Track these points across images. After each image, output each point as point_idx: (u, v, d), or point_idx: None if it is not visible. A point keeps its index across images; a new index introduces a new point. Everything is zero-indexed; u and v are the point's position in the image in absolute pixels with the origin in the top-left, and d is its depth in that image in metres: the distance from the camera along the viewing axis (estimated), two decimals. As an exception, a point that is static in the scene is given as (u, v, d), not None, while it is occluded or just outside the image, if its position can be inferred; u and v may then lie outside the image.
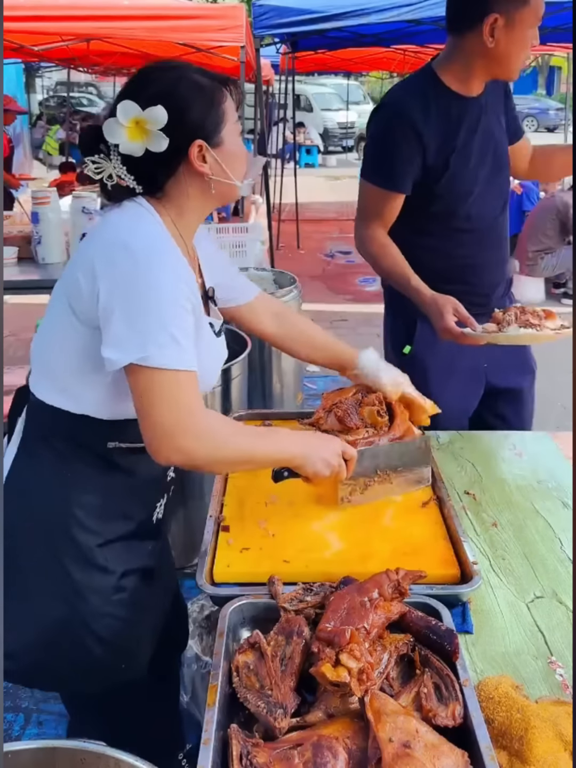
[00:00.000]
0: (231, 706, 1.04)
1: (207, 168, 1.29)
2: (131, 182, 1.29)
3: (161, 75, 1.29)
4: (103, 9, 4.83)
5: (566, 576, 1.40)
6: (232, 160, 1.33)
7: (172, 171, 1.29)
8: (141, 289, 1.18)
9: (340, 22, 5.39)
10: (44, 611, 1.33)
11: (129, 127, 1.23)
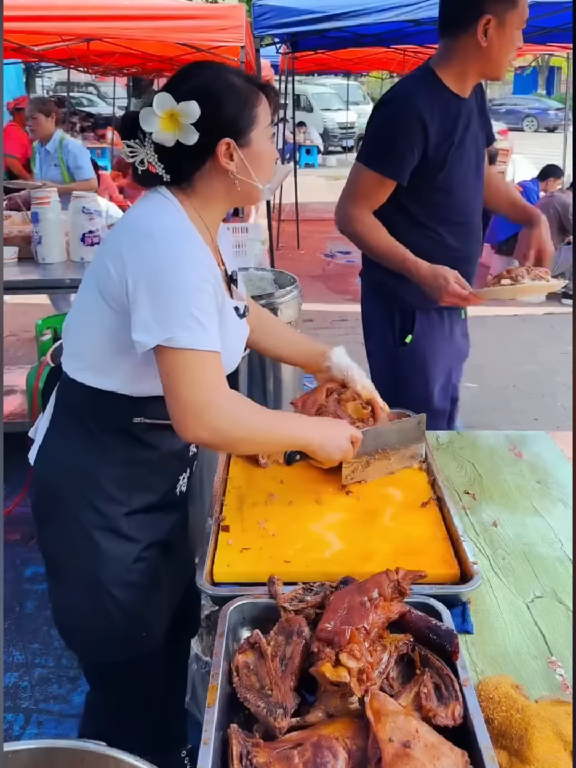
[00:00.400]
0: (231, 706, 1.04)
1: (233, 166, 1.35)
2: (160, 170, 1.34)
3: (200, 72, 1.35)
4: (103, 9, 4.83)
5: (566, 576, 1.40)
6: (259, 163, 1.37)
7: (200, 164, 1.35)
8: (164, 275, 1.25)
9: (340, 22, 5.39)
10: (71, 577, 1.44)
11: (163, 118, 1.29)
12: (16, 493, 3.36)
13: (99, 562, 1.41)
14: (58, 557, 1.46)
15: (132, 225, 1.34)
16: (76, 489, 1.40)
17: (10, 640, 2.59)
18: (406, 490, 1.57)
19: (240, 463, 1.67)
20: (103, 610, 1.43)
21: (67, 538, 1.42)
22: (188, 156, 1.33)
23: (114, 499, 1.40)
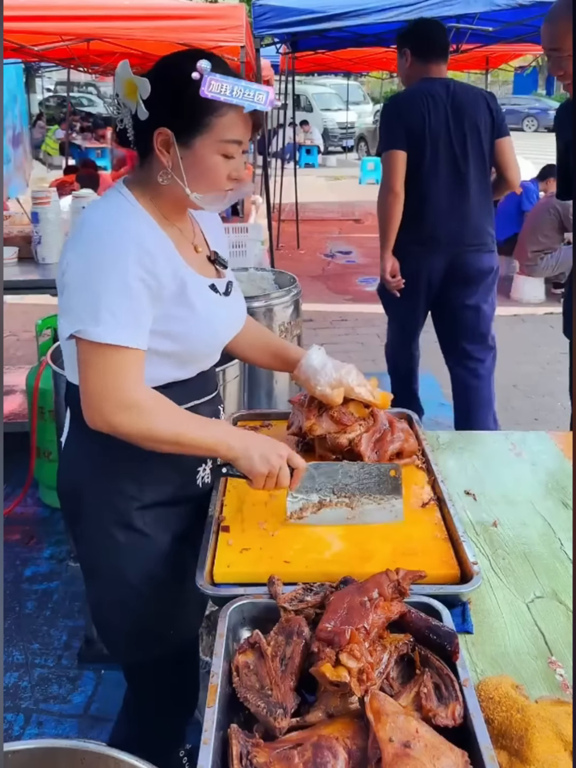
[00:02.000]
0: (231, 706, 1.04)
1: (166, 159, 1.34)
2: (132, 137, 1.36)
3: (182, 60, 1.33)
4: (103, 9, 4.82)
5: (566, 576, 1.40)
6: (195, 170, 1.34)
7: (148, 145, 1.35)
8: (87, 267, 1.27)
9: (340, 22, 5.38)
10: (99, 574, 1.48)
11: (126, 85, 1.31)
12: (16, 493, 3.37)
13: (121, 557, 1.44)
14: (87, 555, 1.51)
15: (79, 220, 1.37)
16: (95, 486, 1.43)
17: (10, 640, 2.59)
18: (406, 490, 1.57)
19: (240, 463, 1.67)
20: (129, 606, 1.46)
21: (91, 536, 1.46)
22: (140, 132, 1.35)
23: (125, 493, 1.42)
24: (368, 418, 1.64)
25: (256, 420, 1.88)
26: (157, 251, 1.34)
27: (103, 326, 1.25)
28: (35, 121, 16.85)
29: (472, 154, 3.25)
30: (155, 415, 1.31)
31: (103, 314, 1.25)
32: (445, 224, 3.26)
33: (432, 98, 3.21)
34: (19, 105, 12.93)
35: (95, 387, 1.28)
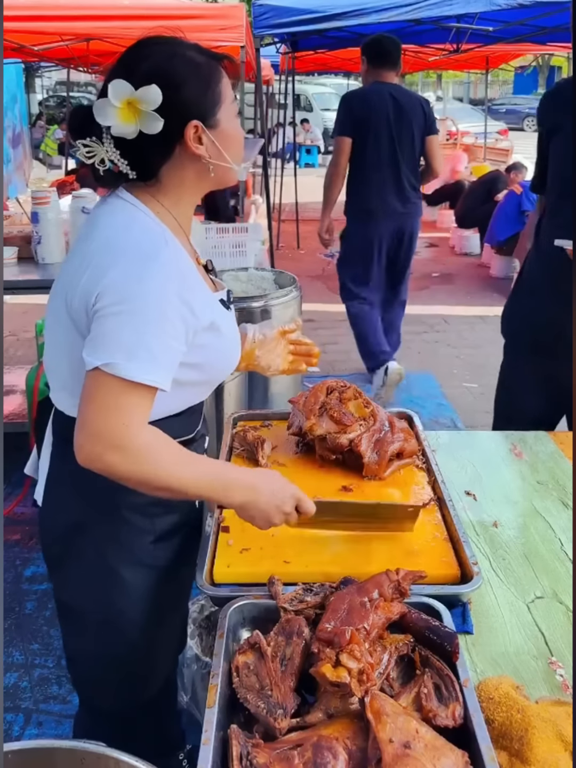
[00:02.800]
0: (231, 707, 1.04)
1: (203, 150, 1.24)
2: (125, 167, 1.22)
3: (154, 51, 1.22)
4: (103, 9, 4.82)
5: (566, 576, 1.40)
6: (229, 142, 1.27)
7: (168, 154, 1.24)
8: (133, 295, 1.14)
9: (340, 22, 5.38)
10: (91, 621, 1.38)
11: (121, 108, 1.16)
12: (16, 493, 3.36)
13: (126, 598, 1.35)
14: (79, 601, 1.38)
15: (103, 242, 1.20)
16: (96, 525, 1.33)
17: (10, 641, 2.58)
18: (406, 490, 1.57)
19: (240, 464, 1.67)
20: (131, 649, 1.38)
21: (89, 579, 1.35)
22: (154, 147, 1.21)
23: (139, 529, 1.34)
24: (368, 418, 1.64)
25: (256, 420, 1.88)
26: (191, 277, 1.26)
27: (136, 363, 1.12)
28: (35, 121, 16.85)
29: (406, 143, 4.17)
30: (156, 462, 1.16)
31: (141, 351, 1.13)
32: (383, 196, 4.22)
33: (379, 97, 4.11)
34: (19, 105, 12.92)
35: (97, 422, 1.13)
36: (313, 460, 1.66)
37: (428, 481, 1.60)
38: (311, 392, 1.68)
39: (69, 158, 10.18)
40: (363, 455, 1.59)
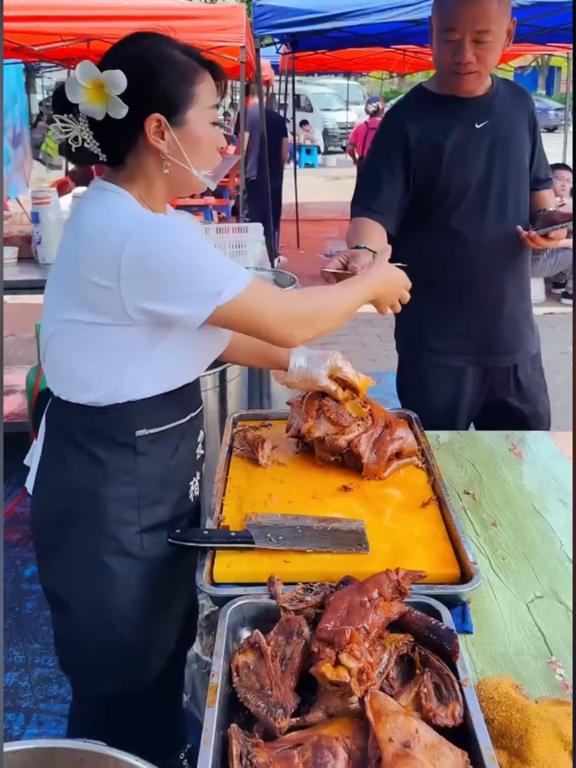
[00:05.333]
0: (231, 706, 1.04)
1: (163, 146, 1.27)
2: (95, 148, 1.28)
3: (136, 41, 1.28)
4: (103, 9, 4.82)
5: (566, 576, 1.40)
6: (195, 146, 1.29)
7: (132, 142, 1.28)
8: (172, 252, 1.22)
9: (340, 22, 5.39)
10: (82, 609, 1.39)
11: (89, 89, 1.21)
12: (16, 493, 3.37)
13: (113, 588, 1.36)
14: (67, 589, 1.40)
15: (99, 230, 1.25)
16: (82, 515, 1.35)
17: (10, 640, 2.58)
18: (406, 490, 1.57)
19: (240, 463, 1.67)
20: (118, 638, 1.39)
21: (76, 568, 1.37)
22: (119, 132, 1.25)
23: (124, 520, 1.36)
24: (366, 419, 1.64)
25: (256, 420, 1.88)
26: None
27: (232, 279, 1.25)
28: (36, 121, 16.83)
29: None
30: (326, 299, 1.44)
31: (224, 269, 1.26)
32: None
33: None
34: (19, 105, 12.92)
35: (276, 314, 1.32)
36: (313, 460, 1.66)
37: (428, 481, 1.60)
38: (309, 393, 1.68)
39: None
40: (362, 456, 1.59)
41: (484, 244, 2.06)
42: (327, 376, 1.63)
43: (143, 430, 1.36)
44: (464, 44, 1.90)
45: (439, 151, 2.02)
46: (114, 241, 1.21)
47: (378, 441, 1.62)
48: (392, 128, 2.09)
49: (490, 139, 2.05)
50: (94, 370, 1.32)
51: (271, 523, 1.39)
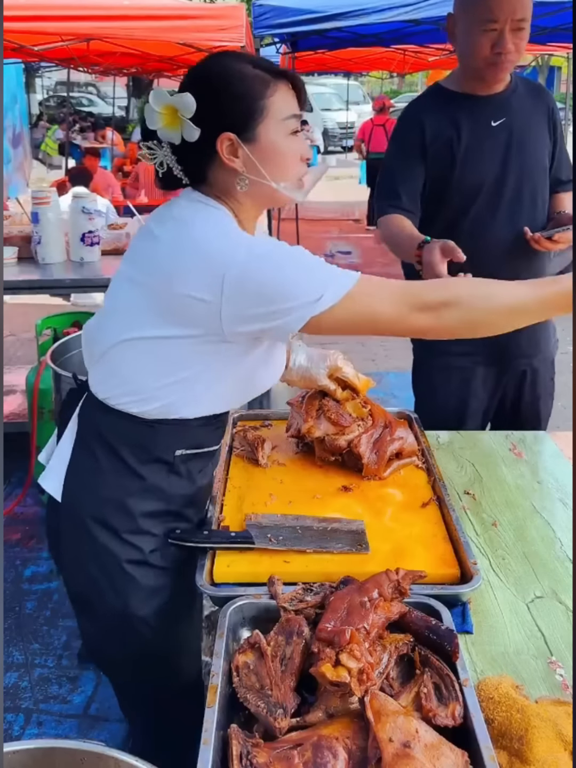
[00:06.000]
0: (231, 706, 1.04)
1: (238, 164, 1.26)
2: (179, 172, 1.28)
3: (207, 62, 1.29)
4: (103, 9, 4.82)
5: (566, 576, 1.40)
6: (272, 160, 1.27)
7: (211, 162, 1.27)
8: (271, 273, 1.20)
9: (340, 22, 5.38)
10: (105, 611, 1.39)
11: (164, 114, 1.22)
12: (16, 493, 3.37)
13: (136, 596, 1.37)
14: (90, 591, 1.40)
15: (205, 249, 1.22)
16: (110, 522, 1.35)
17: (10, 640, 2.58)
18: (406, 490, 1.57)
19: (240, 463, 1.67)
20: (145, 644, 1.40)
21: (100, 575, 1.37)
22: (197, 154, 1.26)
23: (150, 532, 1.36)
24: (366, 419, 1.64)
25: (256, 420, 1.88)
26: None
27: (336, 279, 1.22)
28: (36, 121, 16.84)
29: None
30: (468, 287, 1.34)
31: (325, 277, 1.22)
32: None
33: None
34: (19, 105, 12.92)
35: (392, 302, 1.24)
36: (313, 460, 1.67)
37: (428, 481, 1.60)
38: (309, 393, 1.68)
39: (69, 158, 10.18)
40: (362, 456, 1.59)
41: (496, 246, 2.05)
42: (326, 376, 1.63)
43: (182, 450, 1.37)
44: (504, 33, 1.90)
45: (452, 147, 2.02)
46: (220, 262, 1.20)
47: (378, 441, 1.62)
48: (409, 123, 2.10)
49: (505, 138, 2.05)
50: (158, 384, 1.30)
51: (271, 523, 1.39)
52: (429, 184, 2.06)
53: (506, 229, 2.06)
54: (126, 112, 18.49)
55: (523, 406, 2.28)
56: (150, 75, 11.69)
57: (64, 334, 3.29)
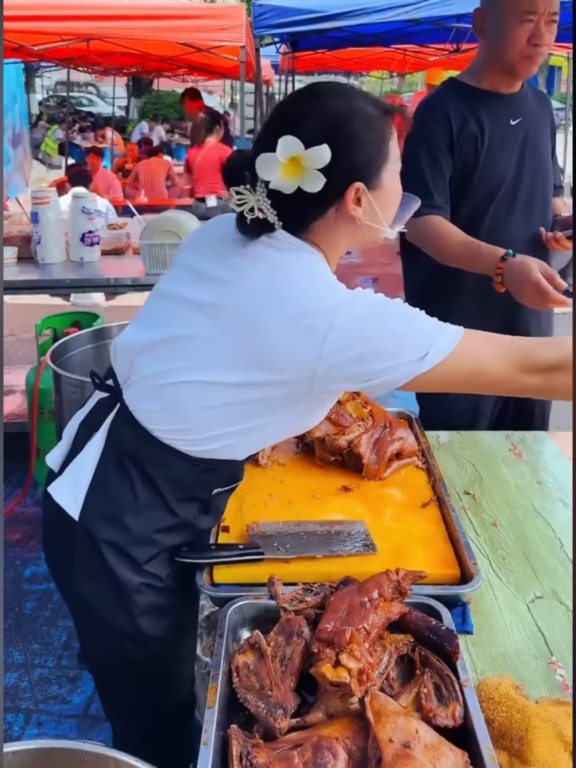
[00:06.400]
0: (231, 707, 1.04)
1: (360, 212, 1.18)
2: (272, 217, 1.16)
3: (331, 104, 1.15)
4: (103, 9, 4.83)
5: (566, 576, 1.40)
6: (388, 204, 1.22)
7: (323, 212, 1.18)
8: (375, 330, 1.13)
9: (340, 21, 5.39)
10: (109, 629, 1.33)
11: (285, 164, 1.11)
12: (16, 493, 3.37)
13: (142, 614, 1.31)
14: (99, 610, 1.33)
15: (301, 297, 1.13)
16: (132, 554, 1.28)
17: (10, 641, 2.58)
18: (406, 491, 1.57)
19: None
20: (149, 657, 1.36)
21: (112, 594, 1.30)
22: (309, 204, 1.16)
23: (168, 560, 1.32)
24: (367, 419, 1.64)
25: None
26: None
27: (442, 335, 1.15)
28: (36, 121, 16.84)
29: None
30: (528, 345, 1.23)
31: (433, 326, 1.16)
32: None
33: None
34: (19, 105, 12.91)
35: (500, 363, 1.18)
36: (313, 461, 1.66)
37: (428, 481, 1.60)
38: None
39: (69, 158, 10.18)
40: (362, 456, 1.59)
41: (512, 245, 2.05)
42: None
43: (218, 488, 1.35)
44: (541, 26, 1.91)
45: (476, 143, 2.02)
46: (321, 315, 1.11)
47: (378, 441, 1.62)
48: (435, 117, 2.05)
49: (522, 137, 2.06)
50: (222, 431, 1.24)
51: (274, 532, 1.38)
52: (454, 179, 2.05)
53: (522, 228, 2.08)
54: (126, 112, 18.50)
55: (527, 407, 2.28)
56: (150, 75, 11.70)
57: (63, 334, 3.29)
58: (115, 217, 4.92)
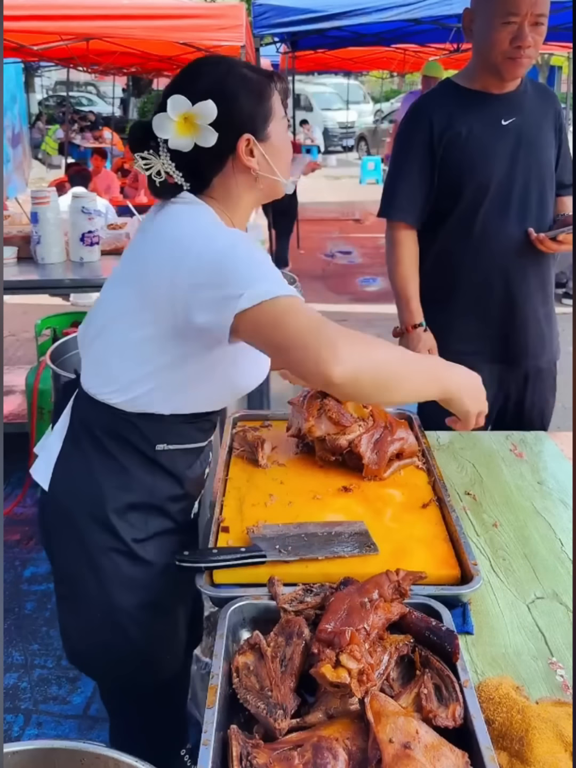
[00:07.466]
0: (231, 707, 1.04)
1: (254, 163, 1.31)
2: (179, 179, 1.31)
3: (210, 69, 1.31)
4: (103, 8, 4.82)
5: (566, 576, 1.40)
6: (279, 156, 1.35)
7: (221, 166, 1.32)
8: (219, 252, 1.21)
9: (340, 21, 5.39)
10: (87, 600, 1.41)
11: (178, 122, 1.25)
12: (15, 493, 3.37)
13: (120, 588, 1.39)
14: (75, 585, 1.42)
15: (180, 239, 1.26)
16: (96, 514, 1.37)
17: (9, 641, 2.58)
18: (406, 491, 1.57)
19: (240, 464, 1.67)
20: (122, 632, 1.41)
21: (83, 560, 1.39)
22: (207, 159, 1.30)
23: (135, 525, 1.39)
24: (367, 419, 1.64)
25: (256, 420, 1.88)
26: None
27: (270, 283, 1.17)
28: (35, 121, 16.83)
29: None
30: (374, 345, 1.20)
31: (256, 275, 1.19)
32: None
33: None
34: (19, 105, 12.92)
35: (316, 334, 1.13)
36: (313, 461, 1.66)
37: (428, 482, 1.60)
38: (310, 393, 1.68)
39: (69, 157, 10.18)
40: (362, 456, 1.59)
41: (506, 245, 2.06)
42: None
43: (163, 445, 1.38)
44: (524, 27, 1.91)
45: (461, 143, 2.02)
46: (182, 249, 1.23)
47: (379, 441, 1.62)
48: (416, 121, 2.09)
49: (515, 138, 2.05)
50: (135, 375, 1.33)
51: (275, 534, 1.38)
52: (441, 180, 2.06)
53: (516, 228, 2.07)
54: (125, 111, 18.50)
55: (526, 407, 2.28)
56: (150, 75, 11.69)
57: (63, 334, 3.29)
58: (115, 217, 4.92)
